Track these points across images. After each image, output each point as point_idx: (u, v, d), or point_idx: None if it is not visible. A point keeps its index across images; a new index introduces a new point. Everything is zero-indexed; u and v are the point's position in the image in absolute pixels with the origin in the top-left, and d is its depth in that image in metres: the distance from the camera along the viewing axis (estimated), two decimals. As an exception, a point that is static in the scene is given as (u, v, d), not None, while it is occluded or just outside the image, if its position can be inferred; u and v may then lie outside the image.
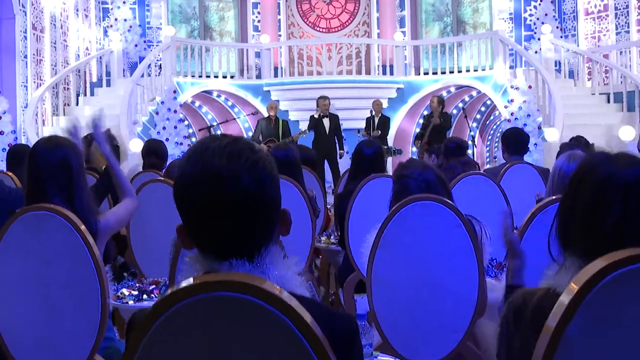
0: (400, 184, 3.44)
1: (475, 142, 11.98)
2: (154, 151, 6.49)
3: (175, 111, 13.64)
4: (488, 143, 19.35)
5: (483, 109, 17.70)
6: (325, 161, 13.02)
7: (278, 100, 16.81)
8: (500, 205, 4.93)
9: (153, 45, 17.33)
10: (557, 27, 16.66)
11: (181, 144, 13.56)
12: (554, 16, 16.82)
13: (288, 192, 4.80)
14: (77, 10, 15.42)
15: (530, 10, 17.25)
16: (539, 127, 13.17)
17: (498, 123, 18.14)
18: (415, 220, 3.18)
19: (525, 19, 17.36)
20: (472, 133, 12.11)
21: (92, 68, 15.97)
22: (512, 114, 13.13)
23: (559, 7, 17.06)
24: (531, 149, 12.72)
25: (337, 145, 13.13)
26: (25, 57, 13.08)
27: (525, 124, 12.91)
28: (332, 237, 5.81)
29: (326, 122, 13.00)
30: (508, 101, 13.64)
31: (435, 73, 16.83)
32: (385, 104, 16.91)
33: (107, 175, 5.83)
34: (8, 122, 10.99)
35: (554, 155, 11.80)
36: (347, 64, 18.34)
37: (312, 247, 4.83)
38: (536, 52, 16.77)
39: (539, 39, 16.58)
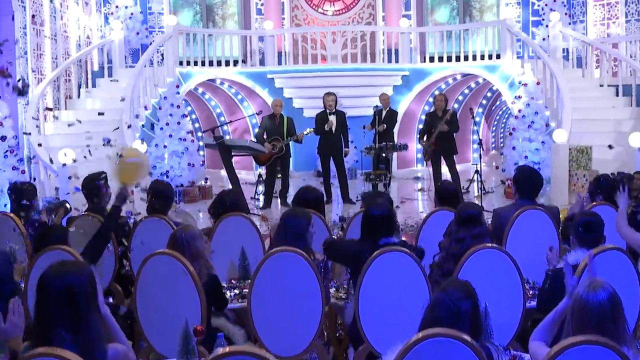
0: (438, 295, 3.40)
1: (483, 145, 11.80)
2: (159, 194, 6.36)
3: (178, 106, 13.47)
4: (494, 129, 19.20)
5: (489, 94, 17.50)
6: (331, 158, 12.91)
7: (282, 88, 16.62)
8: (512, 278, 4.83)
9: (155, 31, 17.10)
10: (566, 14, 16.36)
11: (184, 139, 13.41)
12: (563, 2, 16.51)
13: (297, 266, 4.71)
14: (77, 3, 15.18)
15: (539, -7, 16.97)
16: (547, 125, 12.99)
17: (504, 109, 17.99)
18: (432, 355, 3.09)
19: (533, 3, 17.05)
20: (476, 127, 11.91)
21: (94, 57, 15.76)
22: (519, 110, 12.93)
23: (568, -9, 16.77)
24: (538, 147, 12.62)
25: (342, 143, 12.90)
26: (25, 53, 12.88)
27: (532, 122, 12.76)
28: (340, 290, 5.71)
29: (333, 119, 12.78)
30: (515, 97, 13.44)
31: (441, 58, 16.60)
32: (390, 92, 16.76)
33: (109, 221, 5.73)
34: (9, 128, 10.82)
35: (562, 156, 11.70)
36: (351, 47, 18.05)
37: (322, 317, 4.75)
38: (544, 39, 16.51)
39: (546, 26, 16.32)
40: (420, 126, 17.42)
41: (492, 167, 18.20)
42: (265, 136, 12.54)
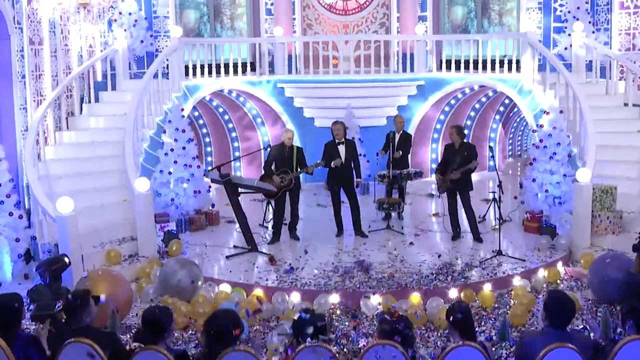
0: None
1: (502, 187, 11.18)
2: (152, 322, 5.77)
3: (183, 130, 12.89)
4: (511, 136, 18.59)
5: (507, 101, 16.87)
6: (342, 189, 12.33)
7: (292, 97, 16.04)
8: None
9: (160, 36, 16.44)
10: (590, 22, 15.59)
11: (190, 166, 12.87)
12: (587, 9, 15.72)
13: None
14: (78, 8, 14.47)
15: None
16: (569, 155, 12.37)
17: (522, 116, 17.37)
18: None
19: (555, 9, 16.26)
20: (493, 163, 11.22)
21: (97, 67, 15.14)
22: (541, 140, 12.29)
23: (592, -1, 15.97)
24: (560, 180, 12.04)
25: (354, 173, 12.30)
26: (23, 77, 12.29)
27: (554, 153, 12.13)
28: None
29: (342, 149, 12.13)
30: (537, 125, 12.79)
31: (458, 61, 15.87)
32: (404, 101, 16.18)
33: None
34: (5, 171, 10.33)
35: (585, 196, 11.12)
36: (365, 48, 17.41)
37: None
38: (566, 48, 15.81)
39: (569, 35, 15.59)
40: (436, 135, 16.93)
41: (508, 174, 17.67)
42: (273, 167, 12.00)
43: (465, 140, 11.86)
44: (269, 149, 12.14)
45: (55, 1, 11.82)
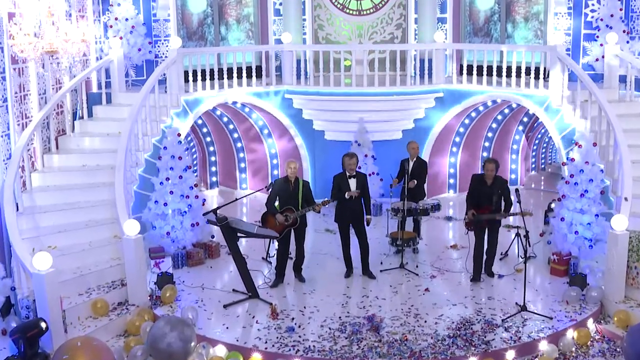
0: None
1: (529, 240, 10.07)
2: None
3: (180, 158, 11.86)
4: (535, 147, 17.46)
5: (531, 112, 15.71)
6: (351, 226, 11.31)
7: (301, 109, 14.96)
8: None
9: (160, 41, 15.31)
10: (624, 31, 14.31)
11: (187, 196, 11.86)
12: (621, 17, 14.43)
13: None
14: (70, 15, 13.31)
15: (593, 4, 14.83)
16: (602, 192, 11.25)
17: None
18: None
19: (586, 14, 14.96)
20: (518, 201, 10.14)
21: (92, 77, 14.10)
22: (571, 175, 11.17)
23: (627, 4, 14.60)
24: (591, 220, 10.98)
25: (364, 208, 11.24)
26: (5, 100, 11.23)
27: (586, 190, 11.03)
28: None
29: (352, 182, 11.08)
30: (568, 159, 11.65)
31: (480, 67, 14.67)
32: (422, 114, 15.08)
33: None
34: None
35: (621, 246, 10.04)
36: (379, 51, 16.28)
37: None
38: (597, 59, 14.58)
39: (601, 45, 14.35)
40: (455, 149, 15.81)
41: (530, 188, 16.61)
42: (277, 203, 10.96)
43: (497, 175, 10.83)
44: (271, 187, 11.08)
45: (17, 48, 10.24)
